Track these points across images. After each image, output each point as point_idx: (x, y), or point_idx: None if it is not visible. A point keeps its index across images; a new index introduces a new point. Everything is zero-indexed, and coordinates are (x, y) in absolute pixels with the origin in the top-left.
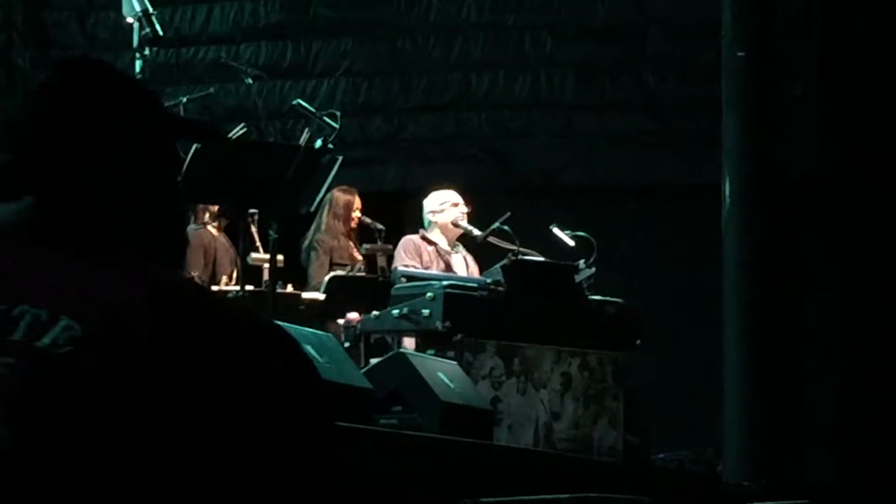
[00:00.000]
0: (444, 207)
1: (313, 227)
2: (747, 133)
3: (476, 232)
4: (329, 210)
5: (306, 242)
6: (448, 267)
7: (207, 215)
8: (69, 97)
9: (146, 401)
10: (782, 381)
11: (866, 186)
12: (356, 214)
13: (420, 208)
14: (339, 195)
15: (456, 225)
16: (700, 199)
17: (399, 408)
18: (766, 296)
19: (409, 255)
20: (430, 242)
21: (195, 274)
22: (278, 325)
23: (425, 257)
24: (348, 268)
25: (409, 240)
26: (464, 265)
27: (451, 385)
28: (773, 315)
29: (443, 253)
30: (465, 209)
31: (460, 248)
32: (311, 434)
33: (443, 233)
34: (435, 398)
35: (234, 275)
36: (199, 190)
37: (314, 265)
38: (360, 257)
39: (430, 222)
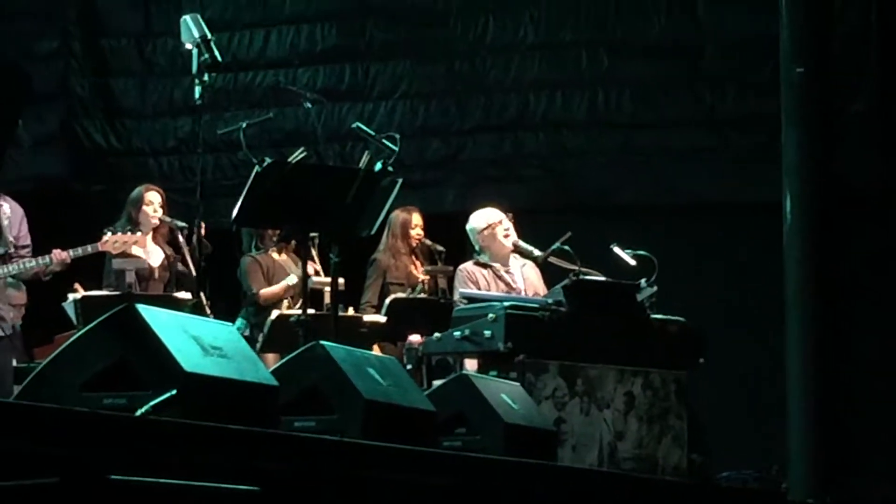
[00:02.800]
0: (490, 229)
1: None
2: (807, 149)
3: (537, 252)
4: (388, 230)
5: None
6: (508, 287)
7: (273, 240)
8: None
9: None
10: (846, 396)
11: None
12: (415, 232)
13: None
14: (398, 213)
15: (517, 247)
16: (761, 216)
17: (463, 430)
18: (828, 312)
19: (465, 286)
20: (485, 266)
21: (256, 288)
22: None
23: (482, 283)
24: (409, 290)
25: (463, 269)
26: (521, 278)
27: (515, 406)
28: (835, 331)
29: (500, 274)
30: (509, 224)
31: (517, 260)
32: None
33: (494, 254)
34: (498, 420)
35: (296, 300)
36: (260, 214)
37: (367, 282)
38: (420, 276)
39: (480, 247)
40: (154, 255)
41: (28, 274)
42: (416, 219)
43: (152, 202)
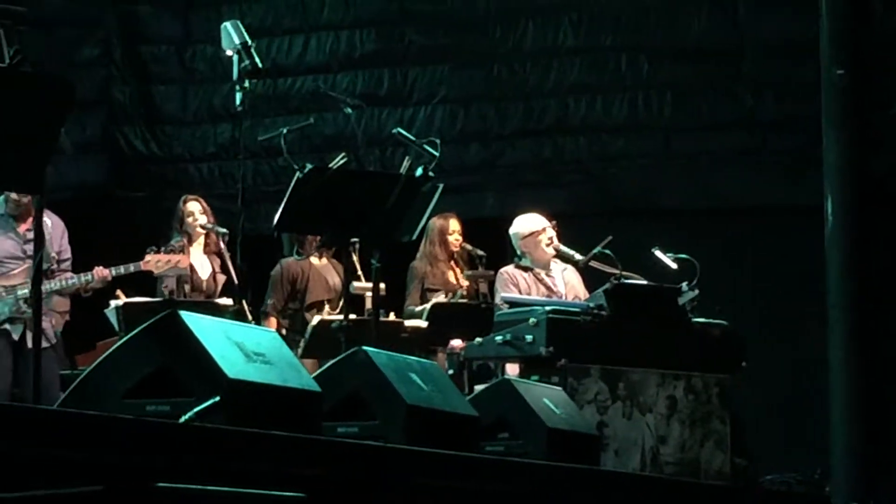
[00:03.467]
0: (533, 237)
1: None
2: (848, 151)
3: (578, 257)
4: (427, 237)
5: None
6: (549, 290)
7: (314, 245)
8: None
9: None
10: (889, 399)
11: None
12: (454, 238)
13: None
14: (435, 220)
15: (558, 251)
16: (802, 219)
17: (505, 435)
18: (870, 315)
19: (506, 288)
20: (526, 269)
21: (272, 302)
22: None
23: (523, 285)
24: (449, 295)
25: (504, 272)
26: (562, 283)
27: (557, 411)
28: (878, 334)
29: (541, 277)
30: (553, 232)
31: (558, 264)
32: None
33: (535, 260)
34: (541, 424)
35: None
36: (301, 220)
37: (408, 290)
38: (460, 282)
39: (521, 252)
40: (202, 267)
41: (69, 290)
42: (454, 225)
43: (192, 212)
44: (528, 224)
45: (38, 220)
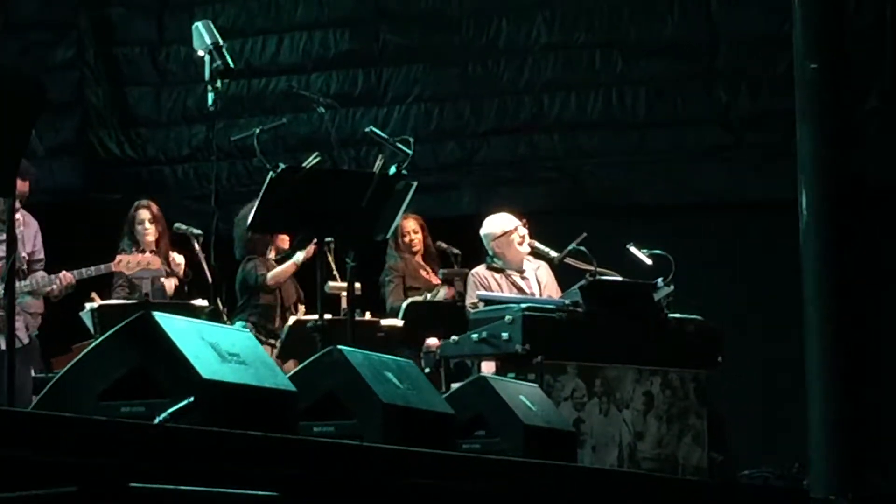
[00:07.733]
0: (505, 237)
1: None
2: (822, 146)
3: (553, 254)
4: (392, 239)
5: (384, 273)
6: (522, 292)
7: (273, 251)
8: None
9: None
10: (866, 393)
11: None
12: (411, 238)
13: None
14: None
15: (533, 248)
16: (777, 214)
17: (482, 432)
18: (846, 308)
19: (477, 290)
20: (498, 270)
21: (264, 273)
22: None
23: (494, 287)
24: (426, 294)
25: (476, 273)
26: (536, 282)
27: (533, 408)
28: (854, 327)
29: (513, 279)
30: (524, 230)
31: (530, 262)
32: None
33: (508, 260)
34: (517, 422)
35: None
36: (275, 220)
37: (389, 288)
38: (436, 281)
39: (493, 252)
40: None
41: (40, 291)
42: (411, 224)
43: (143, 220)
44: (500, 224)
45: (9, 222)
